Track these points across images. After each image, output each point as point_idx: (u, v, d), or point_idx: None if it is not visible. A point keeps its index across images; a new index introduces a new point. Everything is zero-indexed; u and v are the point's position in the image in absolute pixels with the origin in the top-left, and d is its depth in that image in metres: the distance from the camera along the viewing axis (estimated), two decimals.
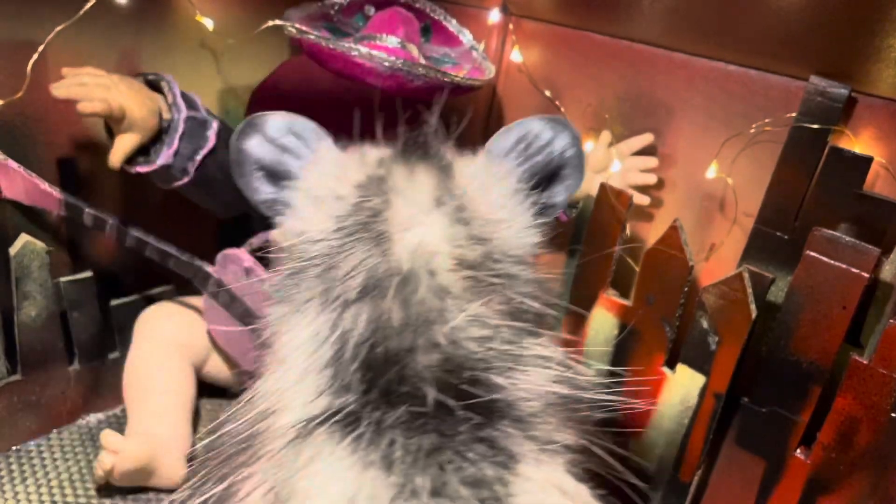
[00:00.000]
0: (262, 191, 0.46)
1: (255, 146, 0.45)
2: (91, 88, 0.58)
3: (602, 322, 0.69)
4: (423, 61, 0.68)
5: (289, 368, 0.38)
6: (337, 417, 0.34)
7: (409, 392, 0.34)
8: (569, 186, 0.48)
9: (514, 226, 0.43)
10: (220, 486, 0.37)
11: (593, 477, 0.37)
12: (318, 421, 0.34)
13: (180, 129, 0.63)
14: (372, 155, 0.44)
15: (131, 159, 0.63)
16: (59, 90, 0.58)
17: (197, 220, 0.75)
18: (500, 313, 0.38)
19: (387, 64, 0.63)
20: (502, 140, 0.46)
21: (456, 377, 0.35)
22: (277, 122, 0.45)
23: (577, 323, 0.73)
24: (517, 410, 0.35)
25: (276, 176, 0.45)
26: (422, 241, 0.39)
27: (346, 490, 0.32)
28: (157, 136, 0.63)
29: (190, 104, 0.65)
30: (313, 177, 0.44)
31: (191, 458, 0.69)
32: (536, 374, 0.37)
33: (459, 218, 0.40)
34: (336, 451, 0.33)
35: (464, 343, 0.36)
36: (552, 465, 0.35)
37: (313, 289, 0.39)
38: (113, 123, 0.61)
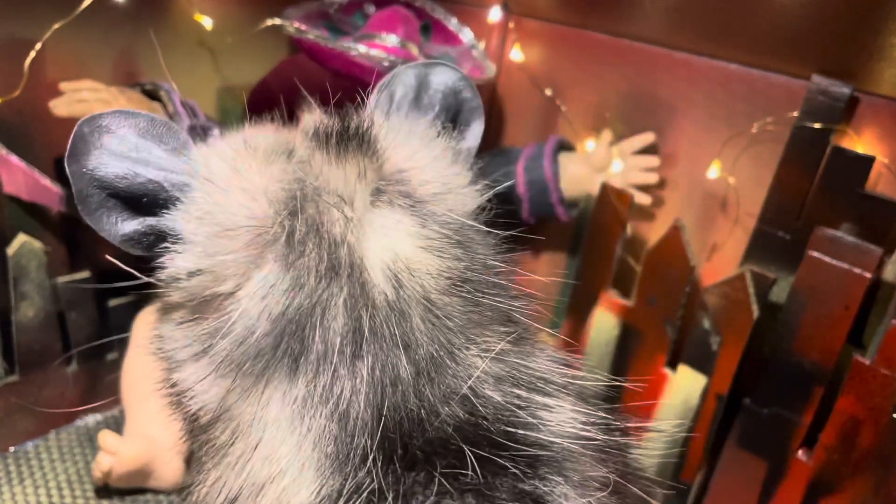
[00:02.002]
0: (120, 227, 0.35)
1: (95, 164, 0.34)
2: (92, 105, 0.58)
3: (603, 322, 0.69)
4: (422, 60, 0.68)
5: (269, 451, 0.31)
6: (358, 500, 0.29)
7: (437, 453, 0.30)
8: (476, 124, 0.41)
9: (459, 194, 0.37)
10: None
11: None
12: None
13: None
14: (266, 146, 0.35)
15: None
16: (60, 108, 0.58)
17: None
18: (504, 339, 0.34)
19: (386, 63, 0.63)
20: (385, 98, 0.39)
21: (489, 430, 0.31)
22: (115, 126, 0.34)
23: (578, 323, 0.72)
24: (552, 453, 0.31)
25: (139, 201, 0.34)
26: (396, 257, 0.33)
27: None
28: None
29: (190, 112, 0.64)
30: (205, 194, 0.33)
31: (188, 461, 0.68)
32: (558, 410, 0.32)
33: (414, 209, 0.34)
34: None
35: (484, 389, 0.32)
36: None
37: (273, 350, 0.31)
38: None
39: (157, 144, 0.34)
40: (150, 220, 0.35)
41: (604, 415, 0.33)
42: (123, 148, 0.34)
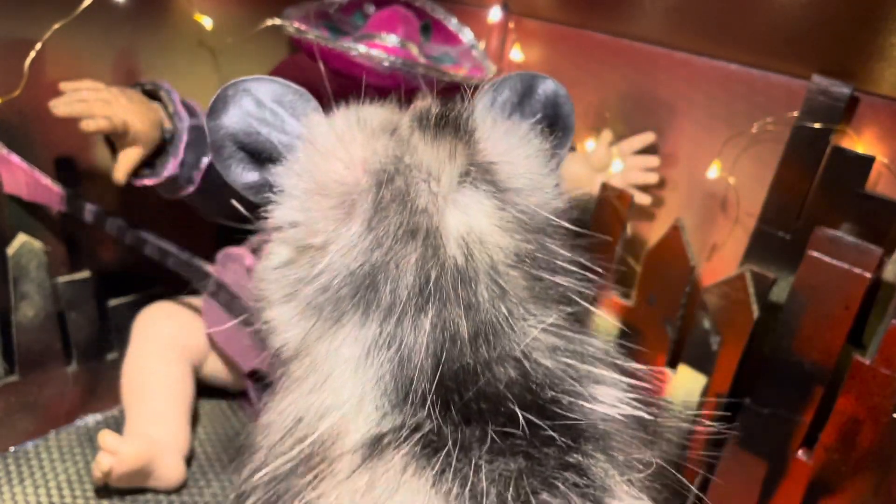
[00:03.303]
0: (244, 176, 0.40)
1: (231, 122, 0.39)
2: (92, 104, 0.58)
3: (603, 322, 0.69)
4: (422, 60, 0.68)
5: (337, 384, 0.34)
6: (415, 438, 0.31)
7: (490, 410, 0.32)
8: (569, 137, 0.45)
9: (545, 192, 0.39)
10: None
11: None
12: (392, 440, 0.32)
13: (185, 139, 0.62)
14: (376, 120, 0.39)
15: (136, 172, 0.62)
16: (60, 108, 0.57)
17: (195, 219, 0.74)
18: (563, 316, 0.36)
19: (386, 63, 0.63)
20: (496, 95, 0.43)
21: (539, 395, 0.33)
22: (254, 91, 0.38)
23: None
24: (597, 430, 0.33)
25: (260, 156, 0.40)
26: (470, 230, 0.36)
27: None
28: (160, 147, 0.63)
29: (190, 112, 0.64)
30: (308, 156, 0.38)
31: (189, 459, 0.68)
32: (609, 388, 0.34)
33: (497, 195, 0.37)
34: (417, 483, 0.30)
35: (537, 356, 0.34)
36: (639, 500, 0.32)
37: (346, 297, 0.35)
38: (116, 139, 0.60)
39: (286, 110, 0.39)
40: (267, 174, 0.40)
41: (650, 398, 0.35)
42: (257, 110, 0.39)
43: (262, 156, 0.40)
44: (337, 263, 0.35)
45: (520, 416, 0.31)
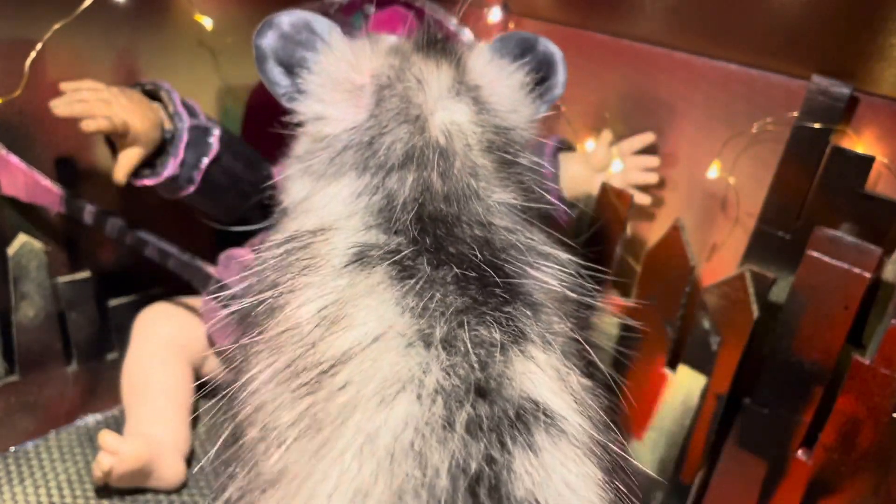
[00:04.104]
0: (281, 83, 0.49)
1: (272, 42, 0.49)
2: (92, 105, 0.57)
3: (602, 322, 0.69)
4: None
5: (330, 209, 0.43)
6: (395, 258, 0.38)
7: (456, 254, 0.39)
8: (554, 88, 0.53)
9: (523, 116, 0.49)
10: (270, 293, 0.40)
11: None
12: (377, 254, 0.38)
13: (185, 139, 0.62)
14: (384, 44, 0.49)
15: (136, 172, 0.62)
16: (60, 108, 0.57)
17: (195, 220, 0.74)
18: (521, 206, 0.44)
19: None
20: (501, 45, 0.52)
21: (495, 254, 0.40)
22: (292, 19, 0.49)
23: None
24: (533, 297, 0.39)
25: (293, 68, 0.49)
26: (452, 121, 0.45)
27: (380, 327, 0.35)
28: (161, 148, 0.63)
29: (190, 112, 0.64)
30: (329, 63, 0.48)
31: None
32: (547, 270, 0.41)
33: (480, 107, 0.46)
34: (389, 294, 0.37)
35: (496, 227, 0.42)
36: (552, 352, 0.37)
37: (348, 162, 0.44)
38: (116, 139, 0.60)
39: (315, 35, 0.49)
40: (297, 80, 0.49)
41: (582, 288, 0.42)
42: (291, 32, 0.49)
43: (293, 68, 0.49)
44: (343, 138, 0.45)
45: (479, 265, 0.38)
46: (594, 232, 0.70)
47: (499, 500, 0.30)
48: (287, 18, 0.49)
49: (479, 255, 0.39)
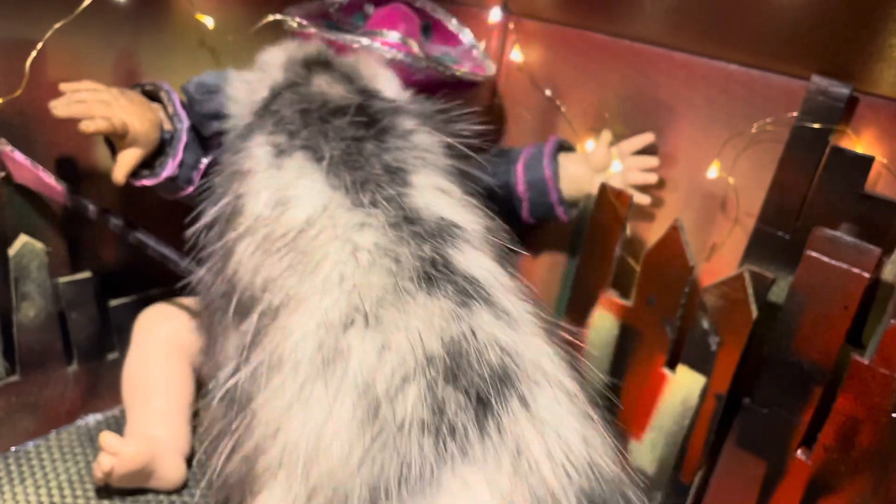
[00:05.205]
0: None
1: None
2: (91, 105, 0.57)
3: (602, 322, 0.69)
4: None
5: (249, 150, 0.54)
6: (307, 144, 0.51)
7: (339, 126, 0.53)
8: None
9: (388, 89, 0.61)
10: (227, 199, 0.52)
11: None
12: (291, 146, 0.51)
13: (184, 140, 0.62)
14: (277, 61, 0.63)
15: (135, 172, 0.62)
16: (59, 109, 0.57)
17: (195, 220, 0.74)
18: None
19: (388, 56, 0.63)
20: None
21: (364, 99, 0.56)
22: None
23: (578, 323, 0.72)
24: (405, 124, 0.55)
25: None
26: (346, 95, 0.58)
27: (322, 199, 0.48)
28: (160, 148, 0.63)
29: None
30: (233, 90, 0.61)
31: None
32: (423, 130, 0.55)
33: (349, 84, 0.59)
34: (314, 173, 0.50)
35: (378, 110, 0.56)
36: (435, 173, 0.52)
37: (255, 122, 0.57)
38: (116, 139, 0.60)
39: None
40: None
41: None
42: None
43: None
44: (255, 105, 0.59)
45: (367, 127, 0.54)
46: (594, 232, 0.70)
47: (450, 271, 0.45)
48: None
49: (355, 111, 0.54)
